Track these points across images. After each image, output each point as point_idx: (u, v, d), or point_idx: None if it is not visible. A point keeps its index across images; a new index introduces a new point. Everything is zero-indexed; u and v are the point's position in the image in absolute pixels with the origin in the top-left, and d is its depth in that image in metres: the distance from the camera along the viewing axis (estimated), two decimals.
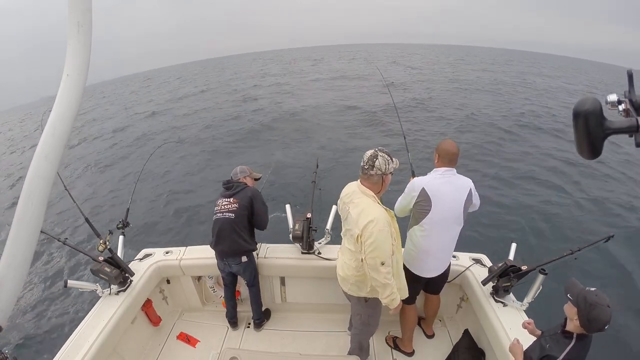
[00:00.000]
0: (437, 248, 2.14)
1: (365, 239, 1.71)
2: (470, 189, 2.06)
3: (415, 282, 2.28)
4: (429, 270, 2.22)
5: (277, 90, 21.36)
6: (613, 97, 0.60)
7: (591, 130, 0.58)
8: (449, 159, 2.04)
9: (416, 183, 2.07)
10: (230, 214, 2.43)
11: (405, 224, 2.23)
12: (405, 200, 2.13)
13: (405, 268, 2.22)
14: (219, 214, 2.47)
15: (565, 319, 1.49)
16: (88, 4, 0.70)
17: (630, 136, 0.58)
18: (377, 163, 1.74)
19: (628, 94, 0.59)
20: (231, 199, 2.46)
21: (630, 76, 0.60)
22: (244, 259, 2.51)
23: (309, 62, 49.86)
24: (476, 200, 2.13)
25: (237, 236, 2.44)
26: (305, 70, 36.37)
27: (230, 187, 2.50)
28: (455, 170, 2.06)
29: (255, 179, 2.71)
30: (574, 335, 1.42)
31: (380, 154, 1.76)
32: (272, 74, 34.36)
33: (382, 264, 1.71)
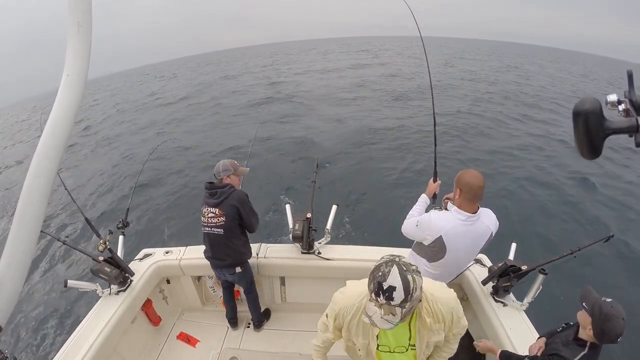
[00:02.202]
0: (444, 281, 2.11)
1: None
2: (491, 234, 1.85)
3: None
4: None
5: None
6: (613, 97, 0.60)
7: (591, 130, 0.58)
8: (474, 195, 1.72)
9: (433, 226, 1.80)
10: (219, 230, 2.32)
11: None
12: (416, 234, 1.92)
13: None
14: (207, 229, 2.35)
15: (578, 326, 1.49)
16: (88, 4, 0.70)
17: (630, 136, 0.58)
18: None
19: (628, 94, 0.59)
20: (216, 210, 2.29)
21: (630, 76, 0.60)
22: (238, 269, 2.48)
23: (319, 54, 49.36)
24: (494, 232, 1.90)
25: (230, 250, 2.39)
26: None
27: (214, 194, 2.28)
28: (479, 214, 1.78)
29: (241, 174, 2.47)
30: (588, 344, 1.43)
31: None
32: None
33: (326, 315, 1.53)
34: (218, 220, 2.31)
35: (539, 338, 1.78)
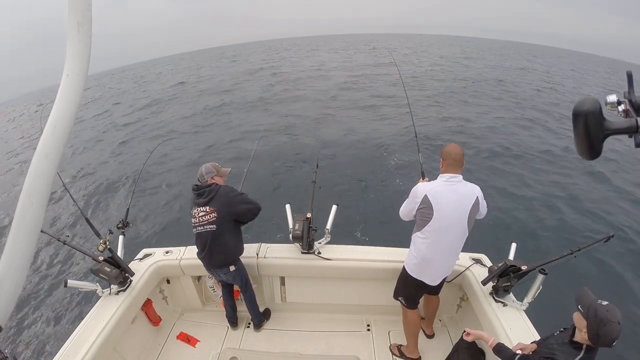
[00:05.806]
0: (438, 256, 2.10)
1: None
2: (477, 197, 1.99)
3: (418, 289, 2.28)
4: (432, 278, 2.19)
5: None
6: (613, 98, 0.61)
7: (591, 130, 0.59)
8: (454, 160, 1.98)
9: (419, 189, 2.02)
10: (212, 226, 2.30)
11: (410, 226, 2.23)
12: (408, 206, 2.11)
13: (408, 274, 2.22)
14: (199, 228, 2.33)
15: (574, 328, 1.47)
16: (88, 4, 0.70)
17: (630, 137, 0.58)
18: None
19: (627, 95, 0.59)
20: (207, 208, 2.29)
21: (629, 77, 0.60)
22: (232, 268, 2.47)
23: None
24: (483, 209, 2.07)
25: (223, 247, 2.37)
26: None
27: (202, 194, 2.31)
28: (461, 177, 2.00)
29: (224, 175, 2.50)
30: (584, 347, 1.40)
31: None
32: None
33: None
34: (210, 217, 2.31)
35: (531, 343, 1.76)
